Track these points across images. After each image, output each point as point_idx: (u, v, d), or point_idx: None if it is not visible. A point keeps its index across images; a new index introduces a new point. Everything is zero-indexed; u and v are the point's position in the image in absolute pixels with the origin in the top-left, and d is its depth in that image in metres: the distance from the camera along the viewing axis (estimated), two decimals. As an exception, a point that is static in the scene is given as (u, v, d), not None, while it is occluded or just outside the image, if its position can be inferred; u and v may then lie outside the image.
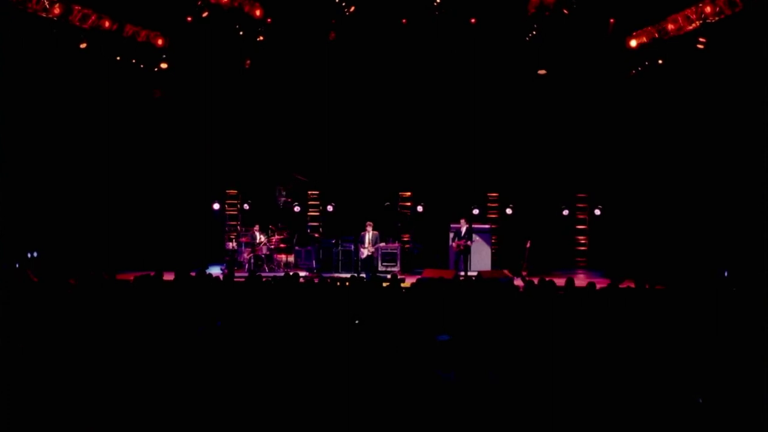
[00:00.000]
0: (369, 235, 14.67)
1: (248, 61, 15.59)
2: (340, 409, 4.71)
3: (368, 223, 14.83)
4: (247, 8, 14.66)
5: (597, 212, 16.86)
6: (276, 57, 16.30)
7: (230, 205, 17.86)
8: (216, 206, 16.96)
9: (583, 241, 17.76)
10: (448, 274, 12.15)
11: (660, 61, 13.96)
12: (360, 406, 4.74)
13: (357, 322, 6.83)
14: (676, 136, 14.48)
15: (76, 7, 13.29)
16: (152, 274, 9.12)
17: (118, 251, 15.28)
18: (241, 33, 14.81)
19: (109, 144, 15.49)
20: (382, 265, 15.80)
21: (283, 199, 17.01)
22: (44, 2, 12.19)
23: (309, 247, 16.24)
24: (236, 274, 13.34)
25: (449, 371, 4.91)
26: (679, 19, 13.16)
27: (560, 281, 9.45)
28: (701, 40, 12.55)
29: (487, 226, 16.48)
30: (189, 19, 14.34)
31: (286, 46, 16.11)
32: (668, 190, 14.92)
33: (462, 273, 13.91)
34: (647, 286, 8.77)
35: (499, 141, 17.13)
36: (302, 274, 14.38)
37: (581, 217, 17.74)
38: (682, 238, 14.22)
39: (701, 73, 13.25)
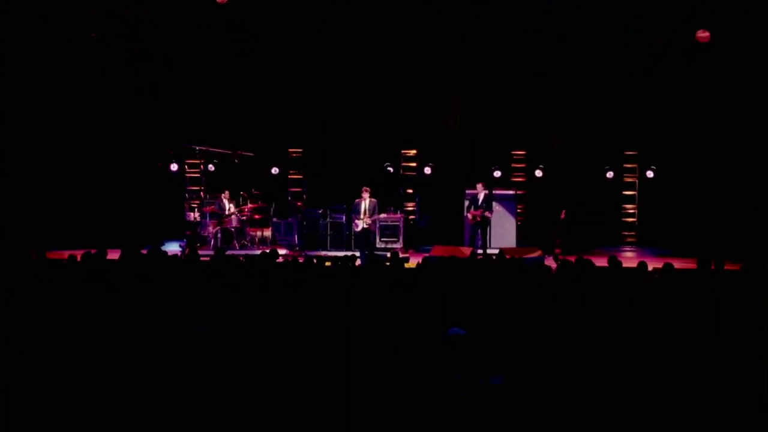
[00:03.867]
0: (365, 203, 14.57)
1: None
2: (321, 420, 4.77)
3: (364, 188, 14.72)
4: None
5: (649, 175, 16.81)
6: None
7: (191, 165, 17.72)
8: (174, 167, 16.88)
9: (631, 211, 17.77)
10: (462, 252, 12.21)
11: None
12: (347, 419, 4.77)
13: (349, 312, 6.79)
14: (753, 83, 14.34)
15: None
16: (93, 251, 9.13)
17: (51, 224, 15.30)
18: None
19: (31, 93, 15.54)
20: (380, 240, 15.83)
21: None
22: None
23: (290, 219, 16.22)
24: (199, 252, 13.29)
25: (462, 374, 4.96)
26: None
27: (603, 260, 9.43)
28: None
29: (511, 192, 16.47)
30: None
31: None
32: (739, 147, 14.81)
33: (480, 251, 13.93)
34: (713, 267, 8.69)
35: (525, 84, 16.94)
36: (281, 252, 14.33)
37: (629, 180, 17.71)
38: (758, 206, 14.15)
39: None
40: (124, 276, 7.89)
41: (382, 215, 15.48)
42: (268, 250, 10.66)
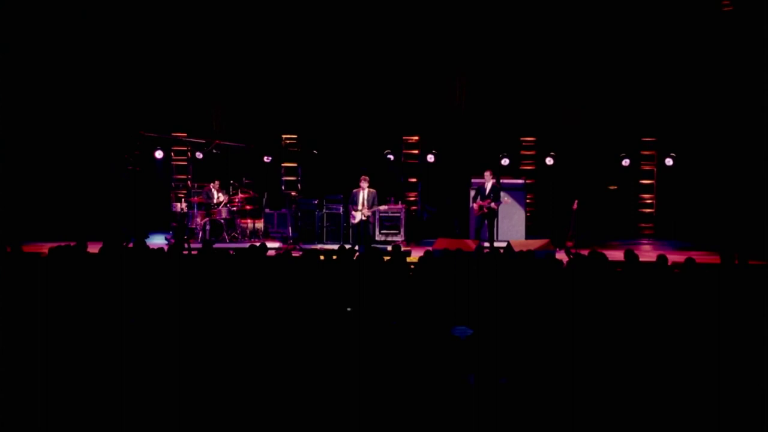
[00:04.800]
0: (363, 193, 14.50)
1: None
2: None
3: (363, 177, 14.64)
4: None
5: (668, 162, 16.76)
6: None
7: (178, 153, 17.68)
8: (159, 154, 16.87)
9: (649, 201, 17.73)
10: (467, 245, 12.16)
11: None
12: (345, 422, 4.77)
13: (348, 310, 6.88)
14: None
15: None
16: (73, 244, 9.10)
17: (29, 215, 15.30)
18: None
19: (6, 83, 15.51)
20: (380, 233, 15.80)
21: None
22: None
23: (283, 210, 16.19)
24: (187, 245, 13.24)
25: (469, 375, 5.01)
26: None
27: (618, 254, 9.43)
28: None
29: (520, 181, 16.39)
30: None
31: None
32: (766, 133, 14.75)
33: (486, 244, 13.87)
34: (737, 261, 8.67)
35: (536, 66, 16.90)
36: (273, 245, 14.32)
37: (647, 168, 17.66)
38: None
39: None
40: (104, 271, 7.86)
41: (382, 206, 15.42)
42: (258, 243, 10.66)
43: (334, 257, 9.23)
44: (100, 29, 16.36)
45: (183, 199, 16.01)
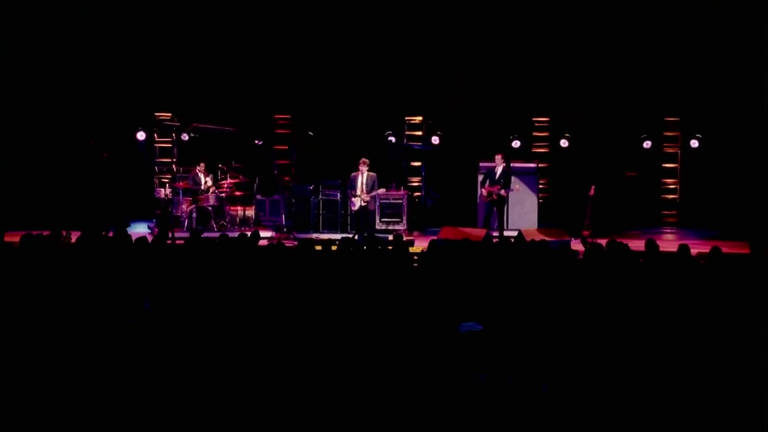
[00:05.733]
0: (363, 177, 14.49)
1: None
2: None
3: (362, 160, 14.64)
4: None
5: (694, 144, 16.70)
6: None
7: (162, 134, 17.61)
8: (141, 135, 16.81)
9: (672, 186, 17.68)
10: (475, 235, 12.14)
11: None
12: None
13: (346, 305, 6.84)
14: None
15: None
16: (47, 233, 9.10)
17: (10, 203, 15.28)
18: None
19: None
20: (381, 221, 15.77)
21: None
22: None
23: (276, 196, 16.12)
24: (171, 234, 13.17)
25: (479, 374, 5.07)
26: None
27: (638, 244, 9.43)
28: None
29: (532, 165, 16.37)
30: None
31: None
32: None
33: (496, 233, 13.89)
34: (768, 251, 8.67)
35: (551, 39, 16.80)
36: (265, 234, 14.29)
37: (670, 151, 17.58)
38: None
39: None
40: (81, 261, 7.86)
41: (382, 191, 15.37)
42: (249, 232, 10.62)
43: (333, 248, 9.22)
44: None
45: (167, 185, 15.98)
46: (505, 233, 13.82)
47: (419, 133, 17.55)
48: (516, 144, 16.56)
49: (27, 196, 16.03)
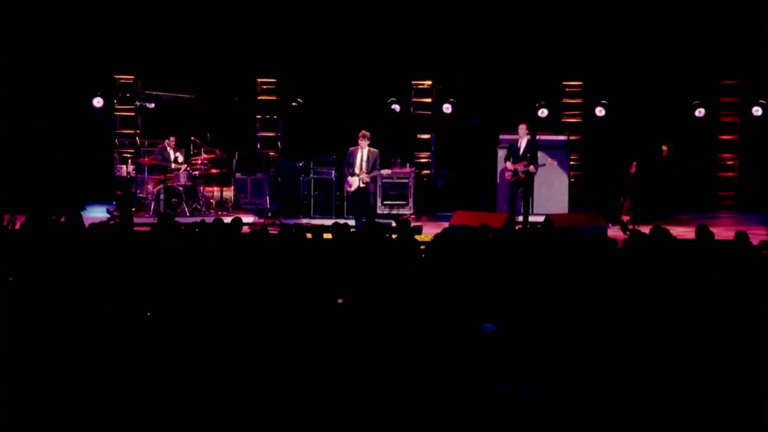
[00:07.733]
0: (362, 153, 14.45)
1: None
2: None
3: (362, 133, 14.59)
4: None
5: (756, 112, 16.69)
6: None
7: (123, 101, 17.63)
8: (98, 102, 16.85)
9: (730, 163, 17.79)
10: (495, 220, 12.18)
11: None
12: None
13: (340, 301, 6.92)
14: None
15: None
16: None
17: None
18: None
19: None
20: (383, 204, 15.94)
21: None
22: None
23: (259, 175, 16.24)
24: (135, 220, 13.19)
25: (498, 382, 5.13)
26: None
27: (688, 231, 9.42)
28: None
29: (562, 137, 16.45)
30: None
31: None
32: None
33: (520, 218, 13.95)
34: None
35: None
36: (247, 219, 14.29)
37: (727, 120, 17.62)
38: None
39: None
40: (24, 250, 7.91)
41: (385, 170, 15.38)
42: (229, 219, 10.63)
43: (326, 236, 9.22)
44: None
45: (130, 161, 16.00)
46: (531, 218, 13.89)
47: (428, 100, 17.59)
48: (543, 113, 16.67)
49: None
